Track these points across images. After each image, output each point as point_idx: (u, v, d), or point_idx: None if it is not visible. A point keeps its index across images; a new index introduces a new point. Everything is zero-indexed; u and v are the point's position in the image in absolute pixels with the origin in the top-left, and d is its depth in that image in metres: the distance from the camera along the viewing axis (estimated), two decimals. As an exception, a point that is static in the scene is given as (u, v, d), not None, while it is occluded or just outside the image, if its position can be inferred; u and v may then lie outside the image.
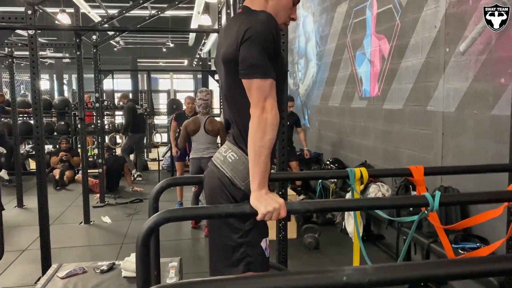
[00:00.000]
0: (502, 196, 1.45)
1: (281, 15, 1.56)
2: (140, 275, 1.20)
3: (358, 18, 5.10)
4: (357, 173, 1.84)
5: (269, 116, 1.35)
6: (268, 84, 1.38)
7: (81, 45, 5.08)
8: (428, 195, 1.35)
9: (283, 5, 1.55)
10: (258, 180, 1.32)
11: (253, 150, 1.34)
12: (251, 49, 1.39)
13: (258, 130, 1.33)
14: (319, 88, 6.55)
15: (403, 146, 4.21)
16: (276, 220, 1.31)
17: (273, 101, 1.38)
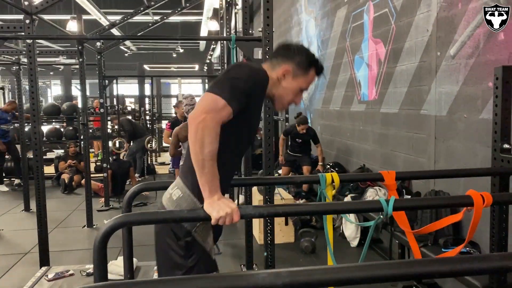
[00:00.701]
0: (458, 201, 1.45)
1: (286, 98, 1.64)
2: (98, 279, 1.24)
3: (357, 22, 5.11)
4: (328, 178, 1.86)
5: (206, 126, 1.34)
6: (220, 102, 1.39)
7: (83, 52, 5.18)
8: (383, 200, 1.37)
9: (290, 90, 1.62)
10: (208, 188, 1.35)
11: (196, 163, 1.36)
12: (226, 79, 1.45)
13: (196, 141, 1.34)
14: (320, 92, 6.57)
15: (399, 149, 4.20)
16: (229, 224, 1.34)
17: (216, 118, 1.37)
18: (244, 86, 1.45)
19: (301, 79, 1.62)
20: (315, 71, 1.65)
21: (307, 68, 1.61)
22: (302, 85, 1.63)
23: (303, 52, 1.62)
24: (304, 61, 1.61)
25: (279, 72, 1.60)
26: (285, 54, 1.61)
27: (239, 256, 4.27)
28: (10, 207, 6.52)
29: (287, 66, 1.59)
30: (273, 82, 1.60)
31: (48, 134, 8.67)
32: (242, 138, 1.61)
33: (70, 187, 7.74)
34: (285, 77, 1.60)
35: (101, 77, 6.26)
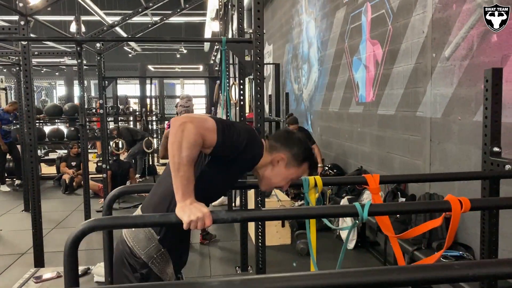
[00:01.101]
0: (436, 206, 1.43)
1: (274, 181, 1.63)
2: (68, 285, 1.23)
3: (355, 24, 5.09)
4: (311, 181, 1.84)
5: (187, 129, 1.32)
6: (209, 124, 1.39)
7: (82, 53, 5.19)
8: (358, 205, 1.35)
9: (280, 176, 1.61)
10: (181, 192, 1.33)
11: (172, 165, 1.34)
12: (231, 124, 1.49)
13: (174, 142, 1.32)
14: (320, 93, 6.55)
15: (395, 151, 4.17)
16: (201, 229, 1.32)
17: (198, 128, 1.35)
18: (239, 140, 1.45)
19: (293, 169, 1.62)
20: (308, 166, 1.65)
21: (301, 162, 1.62)
22: (293, 175, 1.63)
23: (302, 146, 1.63)
24: (301, 154, 1.61)
25: (275, 157, 1.60)
26: (285, 142, 1.62)
27: (235, 258, 4.27)
28: (11, 207, 6.56)
29: (283, 154, 1.60)
30: (265, 162, 1.60)
31: (50, 134, 8.70)
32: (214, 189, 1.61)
33: (71, 188, 7.76)
34: (278, 163, 1.60)
35: (101, 78, 6.28)
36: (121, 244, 1.62)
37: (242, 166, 1.57)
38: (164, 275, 1.58)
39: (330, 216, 1.52)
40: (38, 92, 25.85)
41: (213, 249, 4.65)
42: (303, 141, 1.65)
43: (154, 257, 1.56)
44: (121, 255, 1.60)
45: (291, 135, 1.65)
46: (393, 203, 1.56)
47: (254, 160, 1.56)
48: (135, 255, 1.57)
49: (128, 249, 1.58)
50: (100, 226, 1.25)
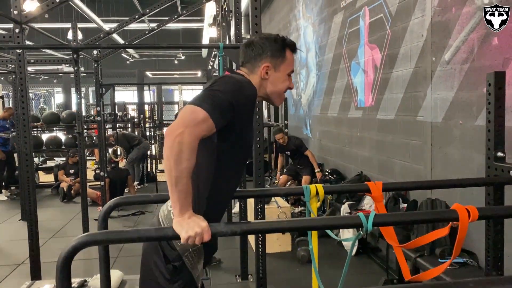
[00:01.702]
0: (443, 216, 1.38)
1: (280, 89, 1.59)
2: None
3: (353, 28, 5.06)
4: (313, 190, 1.80)
5: (183, 141, 1.27)
6: (200, 115, 1.32)
7: (78, 60, 5.15)
8: (362, 215, 1.30)
9: (279, 82, 1.58)
10: (179, 206, 1.28)
11: (170, 179, 1.29)
12: (208, 92, 1.39)
13: (171, 156, 1.27)
14: (319, 98, 6.51)
15: (396, 156, 4.13)
16: (199, 243, 1.27)
17: (194, 131, 1.29)
18: (229, 98, 1.38)
19: (283, 66, 1.58)
20: (290, 50, 1.60)
21: (282, 53, 1.57)
22: (287, 70, 1.59)
23: (268, 40, 1.57)
24: (276, 48, 1.56)
25: (261, 73, 1.55)
26: (256, 53, 1.56)
27: (235, 266, 4.20)
28: (8, 216, 6.49)
29: (265, 63, 1.55)
30: (259, 84, 1.56)
31: (48, 142, 8.65)
32: (238, 158, 1.56)
33: (69, 196, 7.70)
34: (268, 74, 1.56)
35: (98, 85, 6.24)
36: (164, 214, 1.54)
37: (247, 114, 1.50)
38: (194, 270, 1.50)
39: (333, 228, 1.47)
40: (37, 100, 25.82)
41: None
42: (264, 36, 1.59)
43: (190, 251, 1.48)
44: (154, 244, 1.50)
45: (254, 44, 1.58)
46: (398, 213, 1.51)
47: (253, 100, 1.50)
48: (171, 245, 1.48)
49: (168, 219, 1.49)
50: (93, 242, 1.20)
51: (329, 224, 1.35)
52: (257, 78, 1.56)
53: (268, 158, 9.07)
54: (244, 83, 1.49)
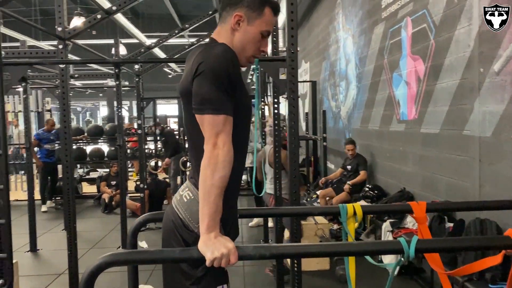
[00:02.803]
0: (495, 243, 1.25)
1: (249, 48, 1.49)
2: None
3: (394, 39, 4.91)
4: (350, 209, 1.69)
5: (220, 152, 1.27)
6: (220, 119, 1.30)
7: (120, 75, 5.27)
8: (403, 241, 1.19)
9: (250, 38, 1.48)
10: (207, 222, 1.23)
11: (203, 189, 1.25)
12: (203, 83, 1.33)
13: (208, 166, 1.25)
14: (359, 111, 6.35)
15: (441, 172, 3.93)
16: (225, 266, 1.20)
17: (226, 137, 1.29)
18: (223, 81, 1.33)
19: (258, 21, 1.46)
20: (270, 9, 1.48)
21: (260, 8, 1.46)
22: (261, 28, 1.47)
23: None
24: (254, 1, 1.46)
25: (230, 22, 1.46)
26: (232, 1, 1.47)
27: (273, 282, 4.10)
28: (52, 226, 6.68)
29: (238, 12, 1.45)
30: (230, 38, 1.47)
31: (91, 154, 8.90)
32: (244, 128, 1.50)
33: (110, 207, 7.86)
34: (239, 25, 1.46)
35: (139, 99, 6.37)
36: (172, 216, 1.47)
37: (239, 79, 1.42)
38: None
39: (372, 254, 1.37)
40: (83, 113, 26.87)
41: (250, 269, 4.51)
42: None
43: None
44: (172, 227, 1.45)
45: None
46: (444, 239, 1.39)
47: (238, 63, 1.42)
48: (188, 227, 1.41)
49: (180, 221, 1.42)
50: (117, 262, 1.16)
51: (366, 250, 1.25)
52: (228, 29, 1.47)
53: (306, 172, 8.93)
54: (226, 55, 1.37)
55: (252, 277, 4.39)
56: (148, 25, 15.40)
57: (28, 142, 5.45)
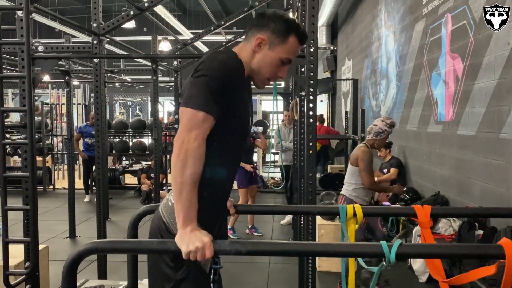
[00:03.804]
0: (485, 251, 1.16)
1: (265, 71, 1.48)
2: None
3: (434, 36, 4.71)
4: (350, 210, 1.65)
5: (190, 147, 1.26)
6: (199, 116, 1.30)
7: (157, 70, 5.41)
8: (385, 244, 1.14)
9: (267, 62, 1.47)
10: (182, 217, 1.24)
11: (175, 186, 1.26)
12: (196, 82, 1.34)
13: (177, 162, 1.25)
14: (398, 110, 6.15)
15: (476, 177, 3.73)
16: (201, 260, 1.20)
17: (200, 134, 1.28)
18: (216, 84, 1.32)
19: (279, 48, 1.44)
20: (296, 38, 1.45)
21: (285, 35, 1.44)
22: (282, 54, 1.45)
23: (280, 18, 1.44)
24: (281, 27, 1.43)
25: (252, 43, 1.44)
26: (259, 23, 1.45)
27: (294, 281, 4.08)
28: (92, 215, 6.97)
29: (262, 35, 1.44)
30: (249, 57, 1.46)
31: (133, 147, 9.20)
32: (235, 137, 1.48)
33: (150, 198, 8.09)
34: (260, 48, 1.44)
35: (177, 95, 6.51)
36: (157, 219, 1.50)
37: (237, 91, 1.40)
38: None
39: (351, 256, 1.32)
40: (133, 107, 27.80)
41: (274, 267, 4.51)
42: (279, 13, 1.45)
43: None
44: (155, 230, 1.48)
45: (264, 13, 1.45)
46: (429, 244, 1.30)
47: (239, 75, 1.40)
48: (170, 231, 1.43)
49: (163, 224, 1.45)
50: (98, 250, 1.20)
51: (346, 251, 1.21)
52: (249, 48, 1.46)
53: (345, 172, 8.77)
54: (227, 62, 1.39)
55: (276, 274, 4.38)
56: (195, 22, 15.68)
57: (69, 134, 5.71)
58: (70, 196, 5.77)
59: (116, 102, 23.17)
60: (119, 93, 21.74)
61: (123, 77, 14.24)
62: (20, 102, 2.58)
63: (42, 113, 8.96)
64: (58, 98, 9.49)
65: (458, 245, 1.53)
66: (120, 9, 12.02)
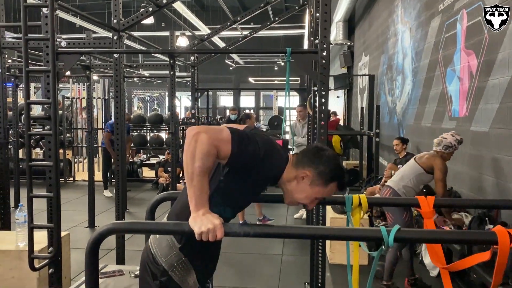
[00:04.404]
0: (478, 237, 1.22)
1: (298, 198, 1.56)
2: (88, 280, 1.30)
3: (449, 33, 4.72)
4: (355, 200, 1.73)
5: (202, 142, 1.32)
6: (225, 135, 1.39)
7: (174, 65, 5.53)
8: (383, 229, 1.22)
9: (303, 193, 1.53)
10: (194, 202, 1.33)
11: (186, 174, 1.35)
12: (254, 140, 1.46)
13: (188, 151, 1.33)
14: (413, 106, 6.16)
15: (489, 173, 3.76)
16: (213, 240, 1.30)
17: (212, 140, 1.34)
18: (256, 150, 1.42)
19: (318, 188, 1.52)
20: (335, 186, 1.54)
21: (327, 181, 1.51)
22: (318, 194, 1.53)
23: (330, 164, 1.52)
24: (328, 173, 1.51)
25: (299, 172, 1.52)
26: (312, 158, 1.53)
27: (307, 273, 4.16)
28: (110, 206, 7.15)
29: (308, 171, 1.51)
30: (289, 177, 1.54)
31: (151, 140, 9.37)
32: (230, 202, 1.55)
33: (166, 191, 8.24)
34: (303, 180, 1.52)
35: (194, 89, 6.64)
36: (146, 251, 1.65)
37: (261, 178, 1.51)
38: (184, 284, 1.56)
39: (353, 240, 1.40)
40: (151, 102, 28.13)
41: (288, 260, 4.60)
42: (332, 158, 1.53)
43: (175, 265, 1.56)
44: (144, 261, 1.63)
45: (321, 152, 1.54)
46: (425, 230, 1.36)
47: (273, 171, 1.50)
48: (157, 262, 1.57)
49: (151, 256, 1.60)
50: (118, 230, 1.31)
51: (347, 235, 1.29)
52: (293, 174, 1.54)
53: (359, 168, 8.78)
54: (279, 155, 1.50)
55: (288, 266, 4.47)
56: (213, 18, 15.79)
57: (89, 127, 5.88)
58: (90, 188, 5.94)
59: (134, 96, 23.51)
60: (138, 88, 22.04)
61: (141, 72, 14.44)
62: (45, 95, 2.72)
63: (63, 107, 9.20)
64: (79, 92, 9.71)
65: (454, 231, 1.60)
66: (139, 5, 12.19)
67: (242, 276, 4.28)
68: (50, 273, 2.85)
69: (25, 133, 2.55)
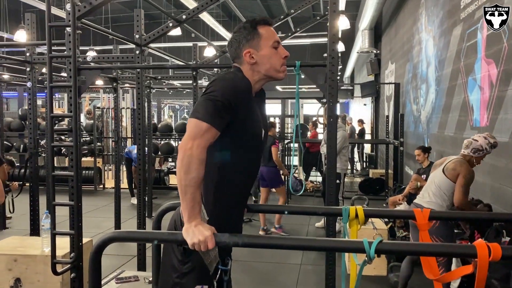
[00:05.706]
0: (458, 250, 1.24)
1: (273, 64, 1.64)
2: (92, 285, 1.40)
3: (471, 41, 4.66)
4: (352, 211, 1.77)
5: (192, 154, 1.41)
6: (203, 127, 1.45)
7: (197, 77, 5.67)
8: (366, 241, 1.27)
9: (267, 58, 1.63)
10: (187, 214, 1.42)
11: (180, 187, 1.43)
12: (205, 98, 1.51)
13: (182, 167, 1.41)
14: (436, 115, 6.09)
15: (508, 184, 3.69)
16: (205, 250, 1.37)
17: (202, 143, 1.42)
18: (222, 99, 1.48)
19: (261, 42, 1.62)
20: (262, 26, 1.64)
21: (255, 33, 1.62)
22: (269, 44, 1.63)
23: (240, 31, 1.64)
24: (247, 31, 1.62)
25: (246, 60, 1.62)
26: (236, 47, 1.64)
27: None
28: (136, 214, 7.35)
29: (245, 49, 1.62)
30: (252, 70, 1.63)
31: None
32: (248, 151, 1.63)
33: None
34: (254, 58, 1.62)
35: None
36: (176, 215, 1.68)
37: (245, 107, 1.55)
38: (206, 256, 1.53)
39: (335, 251, 1.45)
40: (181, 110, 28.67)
41: (306, 269, 4.62)
42: (236, 30, 1.64)
43: None
44: (173, 224, 1.66)
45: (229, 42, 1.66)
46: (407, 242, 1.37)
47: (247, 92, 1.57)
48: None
49: (179, 222, 1.61)
50: (118, 238, 1.40)
51: (330, 246, 1.34)
52: (247, 66, 1.63)
53: (385, 177, 8.68)
54: (235, 79, 1.57)
55: (306, 276, 4.49)
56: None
57: (116, 136, 6.10)
58: (116, 195, 6.14)
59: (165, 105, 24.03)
60: (168, 97, 22.50)
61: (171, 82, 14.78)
62: (68, 108, 2.89)
63: (94, 117, 9.54)
64: (109, 102, 10.06)
65: (434, 244, 1.60)
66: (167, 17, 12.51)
67: (259, 285, 4.34)
68: (72, 278, 2.99)
69: (47, 145, 2.71)
